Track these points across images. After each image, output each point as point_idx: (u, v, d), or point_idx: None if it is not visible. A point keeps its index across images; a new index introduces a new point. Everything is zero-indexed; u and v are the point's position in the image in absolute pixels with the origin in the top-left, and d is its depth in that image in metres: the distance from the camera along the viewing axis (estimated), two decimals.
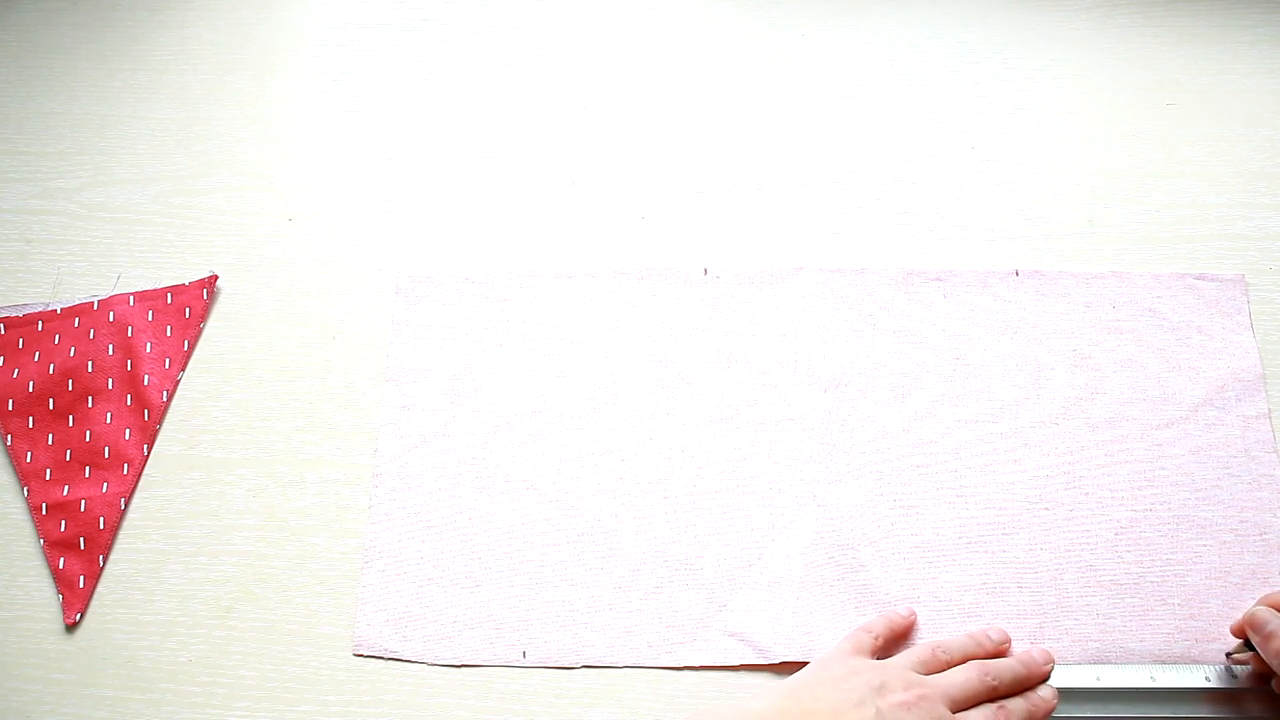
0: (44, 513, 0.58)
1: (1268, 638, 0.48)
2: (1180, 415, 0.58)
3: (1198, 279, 0.61)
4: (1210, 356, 0.59)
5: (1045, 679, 0.51)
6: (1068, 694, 0.51)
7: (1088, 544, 0.55)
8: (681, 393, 0.60)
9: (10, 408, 0.61)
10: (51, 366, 0.61)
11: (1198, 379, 0.59)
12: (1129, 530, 0.55)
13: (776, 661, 0.53)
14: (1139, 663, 0.53)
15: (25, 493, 0.59)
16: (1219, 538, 0.55)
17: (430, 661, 0.55)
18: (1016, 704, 0.49)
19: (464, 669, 0.54)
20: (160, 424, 0.60)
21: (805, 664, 0.53)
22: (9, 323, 0.62)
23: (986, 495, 0.56)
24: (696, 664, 0.54)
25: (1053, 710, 0.50)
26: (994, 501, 0.56)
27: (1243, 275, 0.61)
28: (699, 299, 0.62)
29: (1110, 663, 0.52)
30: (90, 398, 0.61)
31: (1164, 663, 0.52)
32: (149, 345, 0.62)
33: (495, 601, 0.56)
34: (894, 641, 0.53)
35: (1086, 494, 0.56)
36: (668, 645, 0.54)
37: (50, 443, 0.60)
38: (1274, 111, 0.65)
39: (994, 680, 0.49)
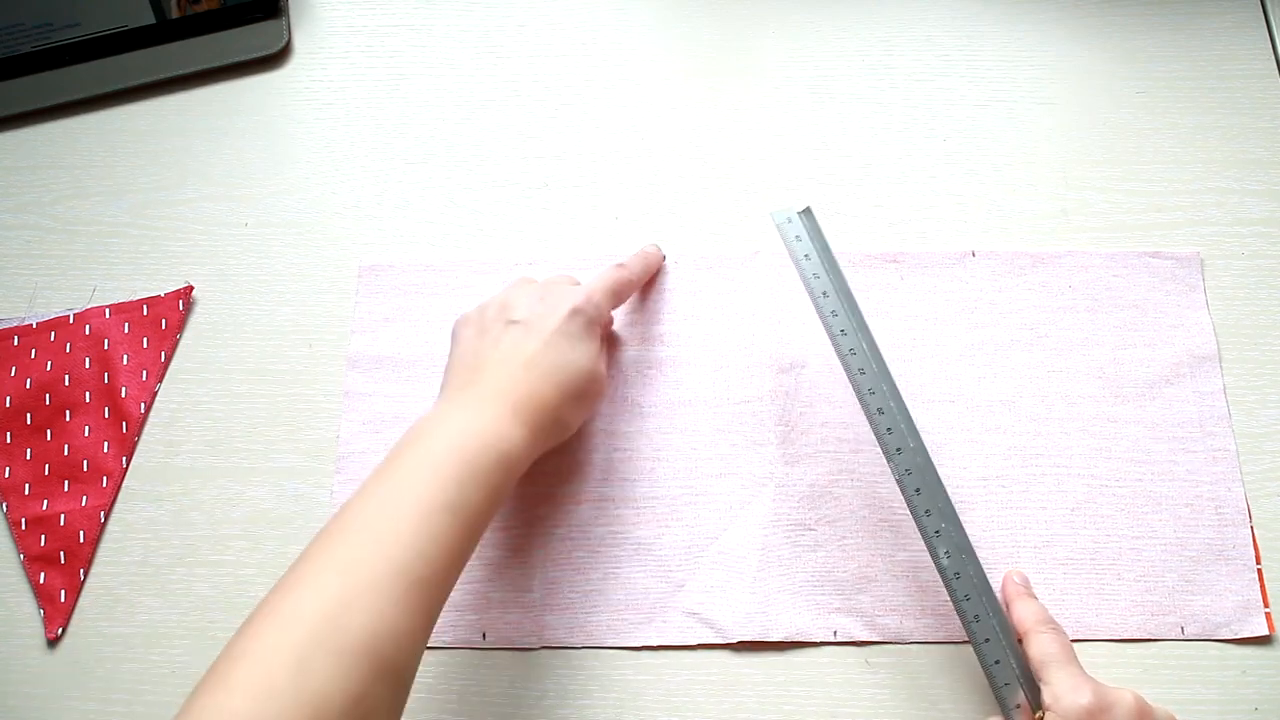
0: (23, 528, 0.57)
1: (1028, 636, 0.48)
2: (1136, 392, 0.57)
3: (1153, 257, 0.60)
4: (1166, 333, 0.58)
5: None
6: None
7: (1044, 520, 0.54)
8: (641, 377, 0.58)
9: None
10: (28, 381, 0.60)
11: (1154, 356, 0.58)
12: (1085, 506, 0.55)
13: (735, 641, 0.53)
14: (1095, 639, 0.52)
15: (4, 508, 0.57)
16: (1175, 512, 0.54)
17: None
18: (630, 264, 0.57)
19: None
20: (139, 436, 0.59)
21: (763, 644, 0.53)
22: None
23: (943, 473, 0.54)
24: (655, 644, 0.53)
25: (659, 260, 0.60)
26: (950, 479, 0.54)
27: (1198, 252, 0.60)
28: (657, 284, 0.61)
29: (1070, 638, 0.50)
30: (68, 411, 0.59)
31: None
32: (126, 357, 0.60)
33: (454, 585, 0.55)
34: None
35: (1043, 471, 0.55)
36: (626, 626, 0.54)
37: (29, 457, 0.58)
38: (1244, 97, 0.64)
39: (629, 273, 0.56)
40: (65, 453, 0.59)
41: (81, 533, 0.57)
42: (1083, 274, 0.60)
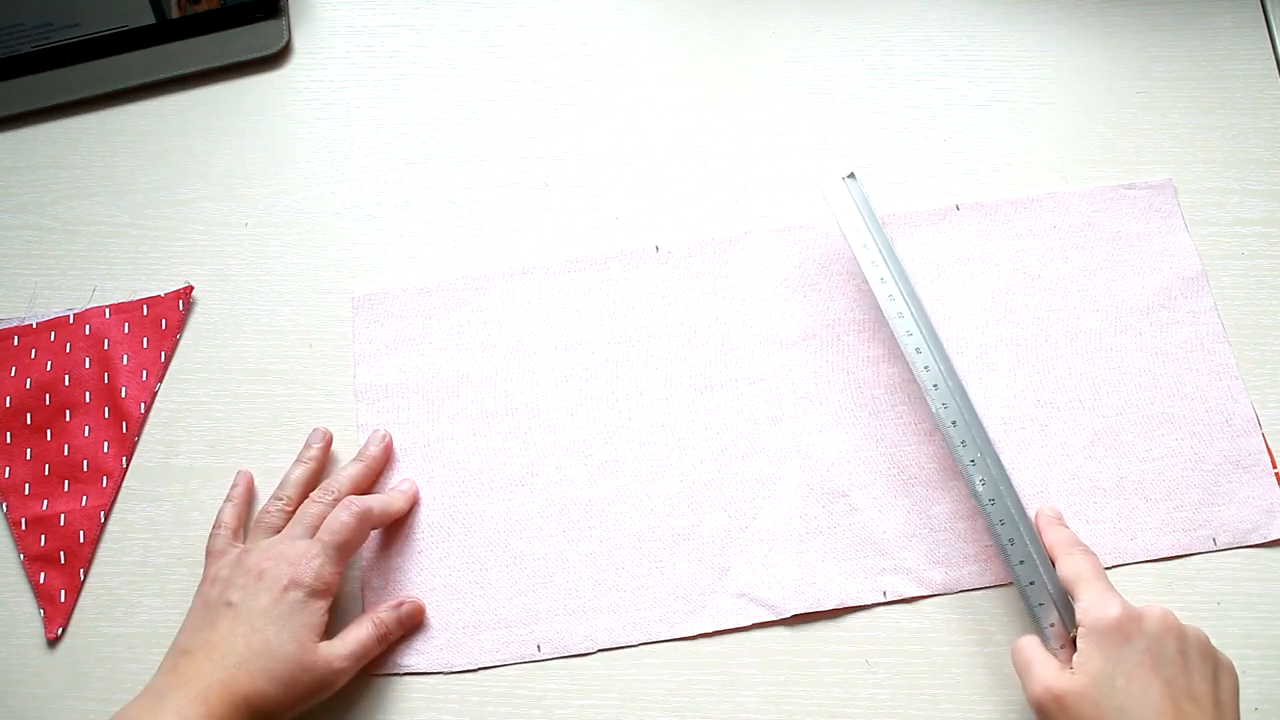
0: (23, 528, 0.57)
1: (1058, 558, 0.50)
2: (1133, 320, 0.58)
3: (1128, 189, 0.61)
4: (1152, 260, 0.59)
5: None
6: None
7: (1066, 455, 0.55)
8: (652, 369, 0.59)
9: None
10: (29, 381, 0.60)
11: (1144, 283, 0.59)
12: (1103, 436, 0.56)
13: (789, 615, 0.53)
14: (1134, 562, 0.53)
15: (4, 508, 0.57)
16: (1189, 430, 0.56)
17: (446, 671, 0.53)
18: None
19: (481, 673, 0.53)
20: (138, 436, 0.59)
21: (816, 614, 0.53)
22: None
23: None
24: (710, 630, 0.53)
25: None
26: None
27: (1169, 179, 0.61)
28: (655, 276, 0.61)
29: (1108, 565, 0.52)
30: (68, 411, 0.59)
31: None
32: (126, 357, 0.60)
33: (502, 601, 0.54)
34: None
35: (1057, 408, 0.57)
36: (679, 616, 0.54)
37: (29, 457, 0.58)
38: (1244, 97, 0.64)
39: (333, 494, 0.54)
40: (65, 453, 0.59)
41: (81, 533, 0.57)
42: (1064, 214, 0.61)
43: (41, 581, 0.56)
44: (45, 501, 0.58)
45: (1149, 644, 0.44)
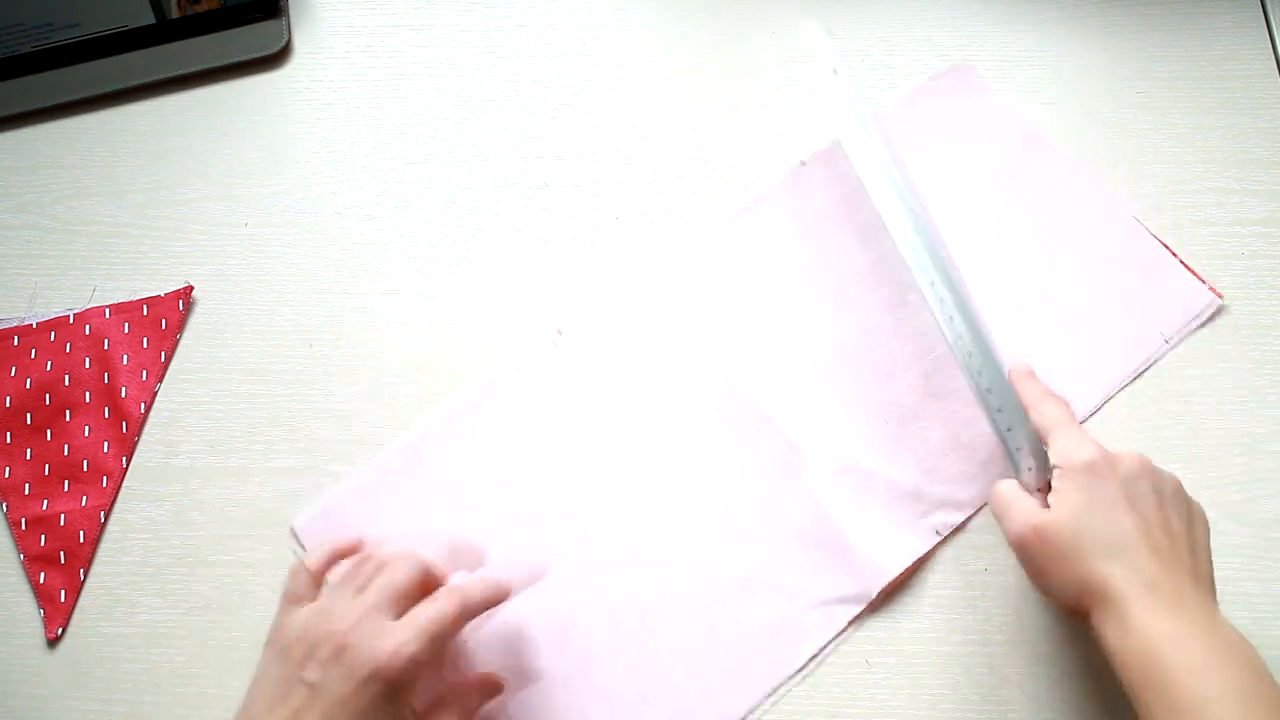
0: (23, 528, 0.57)
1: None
2: (1000, 192, 0.62)
3: (934, 79, 0.65)
4: (991, 134, 0.63)
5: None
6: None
7: (1007, 326, 0.58)
8: (621, 446, 0.57)
9: None
10: (28, 381, 0.60)
11: (992, 155, 0.63)
12: (1030, 299, 0.59)
13: (876, 594, 0.53)
14: (1113, 393, 0.57)
15: (4, 508, 0.57)
16: (1094, 258, 0.60)
17: None
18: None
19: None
20: (138, 436, 0.59)
21: (899, 580, 0.53)
22: None
23: (931, 343, 0.58)
24: (817, 649, 0.52)
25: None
26: (934, 344, 0.58)
27: (971, 64, 0.66)
28: (562, 365, 0.59)
29: (1092, 409, 0.56)
30: (68, 411, 0.59)
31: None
32: (126, 357, 0.60)
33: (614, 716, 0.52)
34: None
35: (979, 291, 0.58)
36: (784, 653, 0.52)
37: (29, 457, 0.58)
38: (1244, 97, 0.64)
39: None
40: (65, 453, 0.58)
41: (81, 533, 0.57)
42: (892, 131, 0.63)
43: (41, 581, 0.56)
44: (45, 501, 0.58)
45: (1123, 482, 0.46)
